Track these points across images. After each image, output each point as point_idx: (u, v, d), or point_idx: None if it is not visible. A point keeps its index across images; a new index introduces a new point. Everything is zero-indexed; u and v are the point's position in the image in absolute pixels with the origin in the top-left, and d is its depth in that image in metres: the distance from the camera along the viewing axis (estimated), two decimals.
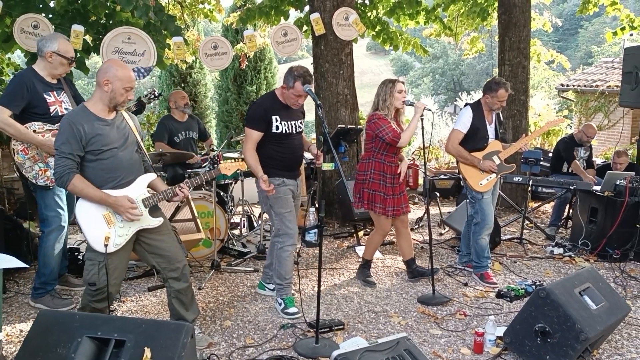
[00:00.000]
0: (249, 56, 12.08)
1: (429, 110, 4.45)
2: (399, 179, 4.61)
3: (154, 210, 3.30)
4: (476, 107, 4.82)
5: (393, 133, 4.40)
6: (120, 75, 3.09)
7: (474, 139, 4.80)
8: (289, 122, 4.04)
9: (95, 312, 3.20)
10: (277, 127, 3.99)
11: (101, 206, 3.09)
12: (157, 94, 5.41)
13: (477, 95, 24.10)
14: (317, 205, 6.14)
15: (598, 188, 5.82)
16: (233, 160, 3.56)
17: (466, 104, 4.93)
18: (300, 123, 4.18)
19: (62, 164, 3.00)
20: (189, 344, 2.54)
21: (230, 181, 6.14)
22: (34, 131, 3.91)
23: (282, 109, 4.04)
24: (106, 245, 3.04)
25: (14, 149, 3.96)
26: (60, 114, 3.98)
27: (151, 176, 3.33)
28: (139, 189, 3.21)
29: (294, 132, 4.10)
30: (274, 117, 3.97)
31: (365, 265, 4.89)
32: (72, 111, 3.20)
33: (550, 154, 8.04)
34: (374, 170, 4.54)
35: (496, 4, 8.33)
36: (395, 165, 4.58)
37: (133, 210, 3.11)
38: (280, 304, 4.17)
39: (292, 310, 4.09)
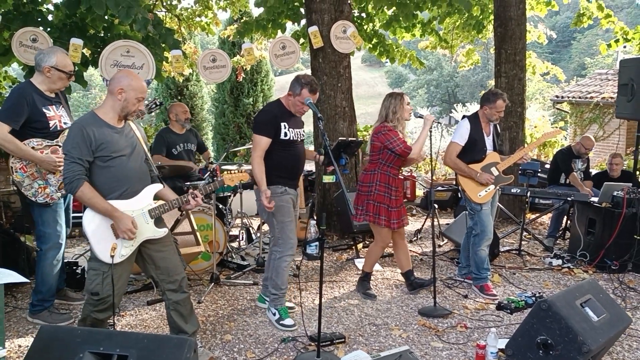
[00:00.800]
0: (245, 69, 12.13)
1: (438, 123, 4.47)
2: (400, 191, 4.63)
3: (159, 221, 3.30)
4: (473, 119, 4.84)
5: (404, 145, 4.41)
6: (134, 85, 3.13)
7: (472, 151, 4.82)
8: (295, 130, 4.10)
9: (97, 322, 3.19)
10: (286, 134, 4.03)
11: None
12: (158, 103, 5.40)
13: (472, 106, 24.25)
14: (316, 218, 6.13)
15: (596, 199, 5.84)
16: (236, 171, 3.57)
17: (464, 117, 4.96)
18: (302, 132, 4.25)
19: (72, 169, 2.99)
20: (191, 359, 2.52)
21: (229, 193, 6.13)
22: (33, 147, 3.84)
23: (289, 116, 4.10)
24: (112, 256, 3.04)
25: (12, 167, 3.86)
26: (59, 128, 3.94)
27: (158, 187, 3.33)
28: (145, 199, 3.21)
29: (299, 139, 4.16)
30: (282, 124, 4.02)
31: (365, 277, 4.88)
32: (82, 117, 3.21)
33: (547, 166, 8.08)
34: (379, 182, 4.54)
35: (491, 17, 8.41)
36: (398, 178, 4.59)
37: (131, 233, 3.08)
38: (274, 314, 4.16)
39: (288, 322, 4.09)
